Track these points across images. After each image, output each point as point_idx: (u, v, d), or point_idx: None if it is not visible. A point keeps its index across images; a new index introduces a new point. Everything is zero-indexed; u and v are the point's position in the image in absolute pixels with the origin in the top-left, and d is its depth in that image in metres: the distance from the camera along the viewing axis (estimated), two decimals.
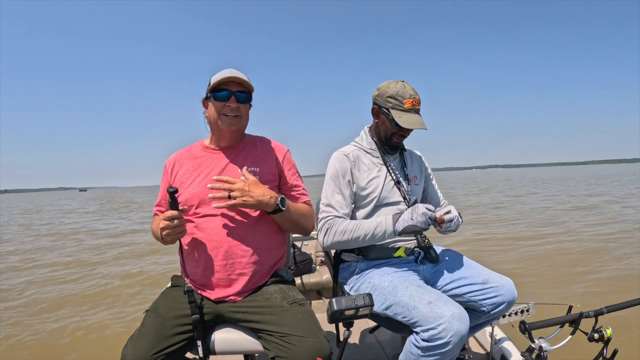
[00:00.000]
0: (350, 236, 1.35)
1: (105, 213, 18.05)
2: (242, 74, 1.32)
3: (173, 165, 1.42)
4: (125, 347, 1.15)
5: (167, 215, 1.18)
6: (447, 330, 1.10)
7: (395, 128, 1.44)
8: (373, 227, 1.34)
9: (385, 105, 1.44)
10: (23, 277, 5.54)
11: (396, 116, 1.40)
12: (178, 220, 1.19)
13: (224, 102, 1.30)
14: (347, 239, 1.36)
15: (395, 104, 1.41)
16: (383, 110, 1.45)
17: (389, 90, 1.43)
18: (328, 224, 1.40)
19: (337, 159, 1.47)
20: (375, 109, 1.50)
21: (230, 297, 1.28)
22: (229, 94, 1.29)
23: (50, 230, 11.77)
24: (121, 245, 8.17)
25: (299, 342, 1.11)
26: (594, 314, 1.44)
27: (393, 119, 1.40)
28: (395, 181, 1.49)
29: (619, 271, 4.58)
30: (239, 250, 1.27)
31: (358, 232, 1.35)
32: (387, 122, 1.45)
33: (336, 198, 1.42)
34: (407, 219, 1.29)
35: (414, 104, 1.41)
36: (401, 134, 1.46)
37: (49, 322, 3.69)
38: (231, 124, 1.32)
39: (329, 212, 1.41)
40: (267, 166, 1.38)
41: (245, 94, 1.32)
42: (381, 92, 1.46)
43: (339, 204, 1.41)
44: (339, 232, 1.36)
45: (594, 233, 7.04)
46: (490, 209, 12.04)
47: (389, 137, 1.48)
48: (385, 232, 1.33)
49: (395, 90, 1.42)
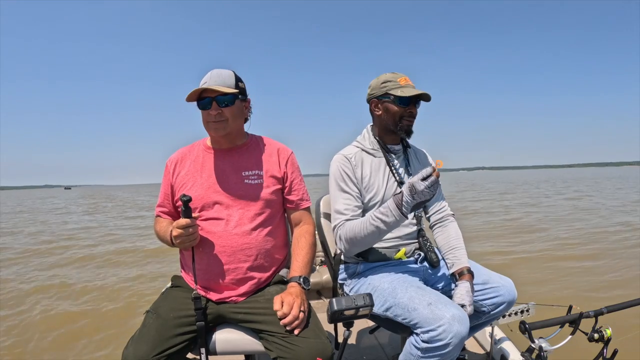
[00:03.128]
0: (362, 234, 1.31)
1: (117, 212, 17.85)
2: (224, 75, 1.28)
3: (175, 164, 1.40)
4: (126, 348, 1.15)
5: (181, 224, 1.17)
6: (447, 331, 1.10)
7: (401, 107, 1.41)
8: (381, 219, 1.26)
9: (382, 92, 1.43)
10: (13, 269, 5.55)
11: (398, 92, 1.39)
12: (192, 229, 1.18)
13: (207, 110, 1.28)
14: (360, 240, 1.33)
15: (392, 85, 1.42)
16: (382, 98, 1.44)
17: (380, 79, 1.45)
18: (339, 229, 1.38)
19: (339, 162, 1.45)
20: (374, 103, 1.48)
21: (232, 298, 1.28)
22: (210, 101, 1.27)
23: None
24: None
25: (301, 342, 1.11)
26: (594, 314, 1.44)
27: (396, 96, 1.40)
28: (399, 182, 1.47)
29: (619, 271, 4.59)
30: (242, 254, 1.27)
31: (368, 229, 1.29)
32: (391, 106, 1.42)
33: (343, 201, 1.40)
34: (410, 202, 1.20)
35: (408, 81, 1.43)
36: (410, 113, 1.43)
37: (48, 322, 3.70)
38: (217, 129, 1.30)
39: (338, 219, 1.39)
40: (270, 168, 1.36)
41: (227, 96, 1.27)
42: (374, 85, 1.47)
43: (347, 206, 1.39)
44: (350, 234, 1.34)
45: (594, 233, 7.04)
46: (488, 209, 12.04)
47: (398, 121, 1.43)
48: (396, 220, 1.25)
49: (386, 76, 1.44)
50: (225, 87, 1.26)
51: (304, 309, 1.18)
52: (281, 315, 1.15)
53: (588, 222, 8.31)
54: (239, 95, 1.30)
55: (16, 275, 5.50)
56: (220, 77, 1.27)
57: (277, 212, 1.38)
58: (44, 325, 3.61)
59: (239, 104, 1.32)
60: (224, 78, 1.28)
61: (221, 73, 1.29)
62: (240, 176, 1.33)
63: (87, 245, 8.00)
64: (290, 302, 1.17)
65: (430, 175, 1.17)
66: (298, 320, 1.14)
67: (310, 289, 2.68)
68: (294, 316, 1.14)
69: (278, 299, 1.19)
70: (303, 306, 1.19)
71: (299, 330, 1.14)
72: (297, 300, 1.18)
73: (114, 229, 10.65)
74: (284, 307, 1.16)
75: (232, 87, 1.28)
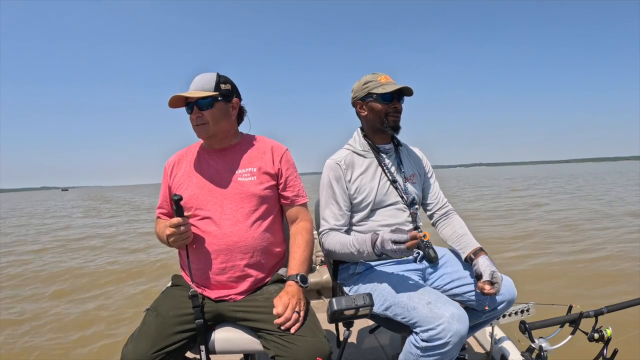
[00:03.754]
0: (340, 252, 1.38)
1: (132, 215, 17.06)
2: (205, 79, 1.31)
3: (172, 167, 1.43)
4: (125, 346, 1.15)
5: (172, 223, 1.19)
6: (446, 330, 1.10)
7: (385, 104, 1.44)
8: (356, 248, 1.31)
9: (364, 93, 1.46)
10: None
11: (379, 89, 1.42)
12: (184, 227, 1.20)
13: (190, 115, 1.33)
14: (338, 254, 1.40)
15: (373, 84, 1.44)
16: (366, 99, 1.47)
17: (361, 81, 1.48)
18: (323, 237, 1.46)
19: (330, 168, 1.47)
20: (359, 105, 1.51)
21: (231, 296, 1.28)
22: (191, 106, 1.31)
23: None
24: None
25: (299, 341, 1.11)
26: (594, 314, 1.44)
27: (378, 94, 1.42)
28: (391, 181, 1.48)
29: (619, 271, 4.58)
30: (240, 252, 1.28)
31: (344, 250, 1.36)
32: (375, 104, 1.45)
33: (331, 210, 1.45)
34: (378, 250, 1.24)
35: (388, 78, 1.46)
36: (394, 109, 1.45)
37: (49, 321, 3.70)
38: (199, 132, 1.33)
39: (323, 226, 1.46)
40: (264, 165, 1.37)
41: (205, 100, 1.29)
42: (356, 88, 1.50)
43: (334, 215, 1.44)
44: (330, 248, 1.41)
45: (594, 232, 7.03)
46: (486, 208, 12.03)
47: (384, 118, 1.46)
48: (369, 254, 1.29)
49: (366, 77, 1.48)
50: (203, 91, 1.29)
51: (299, 309, 1.18)
52: (275, 314, 1.16)
53: (589, 220, 8.30)
54: (218, 98, 1.31)
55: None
56: (200, 82, 1.31)
57: (272, 209, 1.38)
58: (43, 325, 3.61)
59: (220, 106, 1.32)
60: (204, 82, 1.31)
61: (203, 77, 1.32)
62: (234, 174, 1.34)
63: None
64: (285, 302, 1.17)
65: (402, 242, 1.16)
66: (291, 321, 1.15)
67: (310, 289, 2.70)
68: (286, 317, 1.14)
69: (276, 300, 1.20)
70: (298, 306, 1.19)
71: (296, 329, 1.14)
72: (293, 300, 1.19)
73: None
74: (279, 308, 1.16)
75: (210, 90, 1.30)
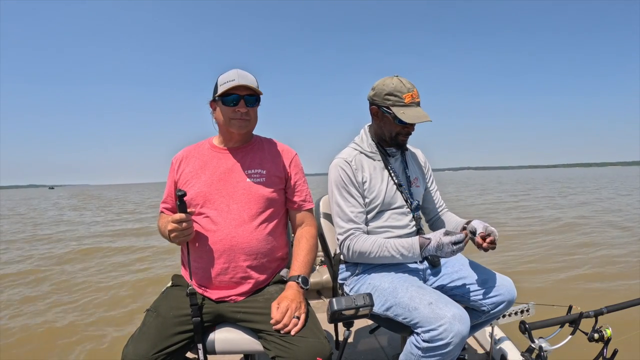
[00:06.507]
0: (376, 255, 1.34)
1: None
2: (250, 77, 1.30)
3: (180, 162, 1.41)
4: (126, 347, 1.15)
5: (175, 218, 1.18)
6: (448, 331, 1.10)
7: (399, 126, 1.40)
8: (400, 252, 1.32)
9: (384, 104, 1.39)
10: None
11: (399, 113, 1.35)
12: (186, 223, 1.19)
13: (233, 107, 1.30)
14: (371, 258, 1.36)
15: (395, 100, 1.37)
16: (383, 110, 1.40)
17: (385, 88, 1.38)
18: (350, 240, 1.38)
19: (340, 166, 1.43)
20: (374, 110, 1.45)
21: (232, 297, 1.28)
22: (238, 98, 1.28)
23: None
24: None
25: (300, 342, 1.11)
26: (594, 314, 1.44)
27: (396, 116, 1.36)
28: (397, 185, 1.47)
29: (619, 271, 4.59)
30: (243, 254, 1.27)
31: (383, 253, 1.33)
32: (390, 121, 1.41)
33: (349, 208, 1.40)
34: (432, 252, 1.28)
35: (414, 97, 1.37)
36: (407, 132, 1.43)
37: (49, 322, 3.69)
38: (241, 127, 1.32)
39: (349, 226, 1.39)
40: (273, 168, 1.37)
41: (253, 97, 1.31)
42: (377, 91, 1.41)
43: (358, 215, 1.40)
44: (364, 250, 1.36)
45: (593, 231, 7.04)
46: (484, 208, 12.05)
47: (394, 137, 1.44)
48: (413, 257, 1.33)
49: (392, 86, 1.37)
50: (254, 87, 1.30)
51: (299, 313, 1.18)
52: (274, 322, 1.15)
53: (590, 220, 8.32)
54: (260, 98, 1.34)
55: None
56: (247, 79, 1.29)
57: (278, 212, 1.38)
58: (42, 326, 3.61)
59: (257, 107, 1.36)
60: (251, 80, 1.30)
61: (246, 75, 1.31)
62: (243, 174, 1.34)
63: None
64: (284, 308, 1.17)
65: (460, 242, 1.23)
66: (289, 325, 1.14)
67: (310, 289, 2.69)
68: (284, 324, 1.14)
69: (274, 305, 1.19)
70: (299, 311, 1.18)
71: (296, 331, 1.14)
72: (292, 305, 1.18)
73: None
74: (277, 313, 1.16)
75: (257, 89, 1.31)
